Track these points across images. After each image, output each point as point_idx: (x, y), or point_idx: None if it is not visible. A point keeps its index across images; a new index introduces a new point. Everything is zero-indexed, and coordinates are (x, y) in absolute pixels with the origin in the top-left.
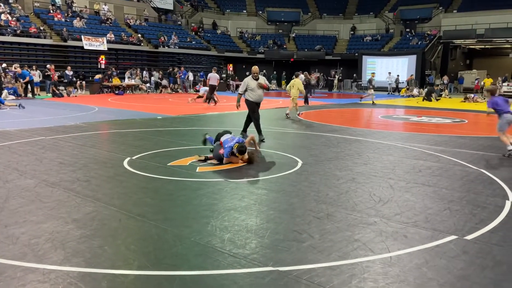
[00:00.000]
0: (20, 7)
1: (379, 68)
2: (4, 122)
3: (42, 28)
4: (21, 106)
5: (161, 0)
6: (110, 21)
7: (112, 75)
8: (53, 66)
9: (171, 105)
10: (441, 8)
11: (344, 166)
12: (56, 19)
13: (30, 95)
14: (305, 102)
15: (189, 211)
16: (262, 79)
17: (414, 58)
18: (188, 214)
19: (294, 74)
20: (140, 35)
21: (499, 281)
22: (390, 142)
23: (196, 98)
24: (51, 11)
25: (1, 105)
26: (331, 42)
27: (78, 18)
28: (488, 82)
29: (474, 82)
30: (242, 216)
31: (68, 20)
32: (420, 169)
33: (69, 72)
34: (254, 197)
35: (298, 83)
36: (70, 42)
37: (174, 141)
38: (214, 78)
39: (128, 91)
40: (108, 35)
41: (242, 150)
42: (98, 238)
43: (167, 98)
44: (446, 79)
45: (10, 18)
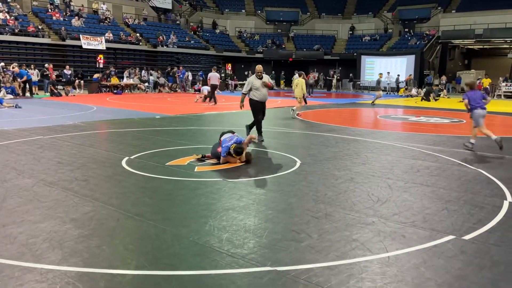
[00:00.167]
0: (18, 6)
1: (378, 68)
2: (2, 122)
3: (40, 27)
4: (17, 106)
5: None
6: (108, 20)
7: (110, 75)
8: (51, 65)
9: (170, 104)
10: (439, 8)
11: (342, 166)
12: (54, 18)
13: (28, 94)
14: (306, 102)
15: (187, 211)
16: (266, 78)
17: (412, 58)
18: (186, 213)
19: (298, 73)
20: (138, 35)
21: (497, 281)
22: (388, 142)
23: (201, 98)
24: (50, 10)
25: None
26: (330, 42)
27: (76, 17)
28: (486, 82)
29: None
30: (240, 216)
31: (66, 19)
32: (418, 169)
33: (67, 71)
34: (252, 196)
35: (302, 83)
36: (69, 41)
37: (173, 140)
38: (215, 77)
39: (126, 91)
40: (106, 35)
41: (239, 151)
42: (96, 237)
43: (166, 98)
44: (444, 79)
45: (8, 17)
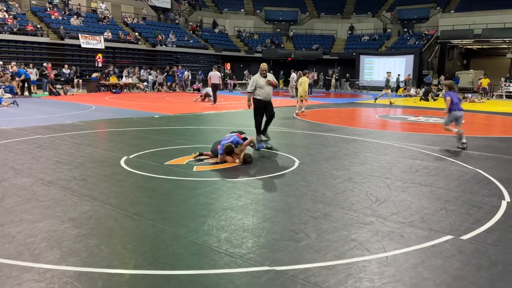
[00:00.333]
0: (17, 5)
1: (377, 67)
2: (0, 121)
3: (39, 26)
4: (15, 103)
5: None
6: (107, 19)
7: (109, 74)
8: (50, 65)
9: (169, 104)
10: (438, 8)
11: (341, 166)
12: (53, 17)
13: (26, 93)
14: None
15: (186, 210)
16: (271, 76)
17: (411, 58)
18: (185, 213)
19: (303, 72)
20: (137, 34)
21: (495, 281)
22: (387, 141)
23: (200, 98)
24: (48, 9)
25: None
26: (329, 41)
27: (75, 16)
28: (485, 82)
29: (471, 82)
30: (238, 215)
31: (65, 18)
32: (416, 169)
33: (66, 70)
34: (251, 196)
35: (304, 82)
36: (67, 41)
37: (171, 140)
38: (216, 76)
39: (125, 90)
40: (105, 34)
41: (228, 151)
42: (94, 237)
43: (165, 97)
44: (442, 79)
45: (7, 16)
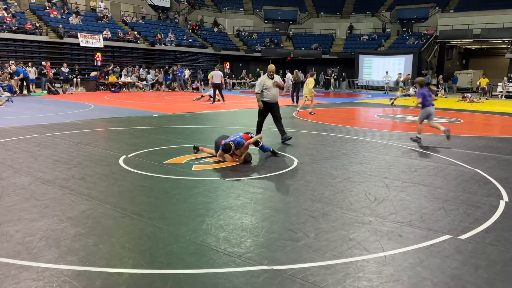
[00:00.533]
0: (16, 4)
1: (376, 67)
2: None
3: (38, 24)
4: (10, 100)
5: None
6: (106, 18)
7: (108, 73)
8: (48, 63)
9: (168, 103)
10: (438, 8)
11: (339, 165)
12: (52, 16)
13: (25, 92)
14: (295, 101)
15: (184, 210)
16: (278, 78)
17: (410, 57)
18: (183, 212)
19: (310, 73)
20: (136, 33)
21: (493, 280)
22: (386, 141)
23: (200, 98)
24: (47, 8)
25: None
26: (328, 41)
27: (74, 15)
28: (484, 82)
29: (469, 82)
30: (237, 215)
31: (64, 17)
32: (415, 168)
33: (65, 69)
34: (249, 195)
35: (310, 82)
36: (66, 39)
37: (170, 139)
38: (218, 76)
39: (124, 89)
40: (104, 32)
41: (225, 149)
42: (93, 236)
43: (164, 96)
44: (441, 79)
45: (5, 15)
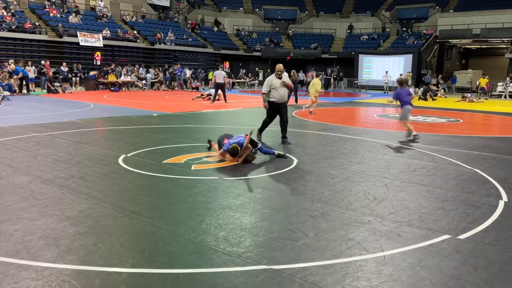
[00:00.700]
0: (15, 2)
1: (375, 67)
2: None
3: (37, 23)
4: (6, 98)
5: None
6: (106, 17)
7: (108, 72)
8: (48, 62)
9: (167, 102)
10: (437, 7)
11: (339, 165)
12: (51, 15)
13: (25, 91)
14: (295, 101)
15: (183, 209)
16: (286, 78)
17: (410, 57)
18: (182, 212)
19: (316, 73)
20: (136, 32)
21: (492, 280)
22: (385, 141)
23: (201, 97)
24: (47, 7)
25: None
26: (328, 40)
27: (73, 14)
28: (483, 81)
29: (469, 81)
30: (236, 214)
31: (63, 16)
32: (414, 168)
33: (64, 68)
34: (249, 195)
35: (316, 83)
36: (66, 38)
37: (170, 138)
38: (221, 75)
39: (123, 88)
40: (104, 32)
41: (233, 153)
42: (92, 235)
43: (163, 95)
44: (440, 78)
45: (5, 13)
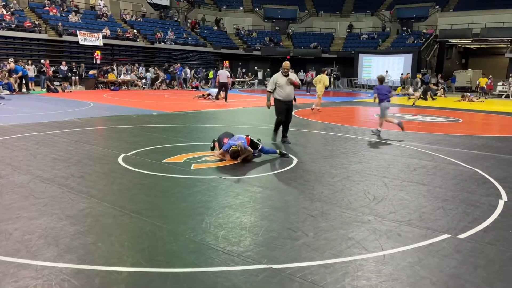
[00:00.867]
0: (15, 1)
1: (375, 66)
2: None
3: (37, 22)
4: (0, 97)
5: None
6: (106, 16)
7: (108, 71)
8: (47, 61)
9: (167, 101)
10: (437, 7)
11: (339, 164)
12: (51, 14)
13: (24, 90)
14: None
15: (183, 208)
16: (293, 76)
17: (410, 56)
18: (182, 211)
19: (322, 70)
20: (136, 31)
21: (492, 280)
22: (385, 140)
23: (202, 97)
24: (46, 6)
25: None
26: (328, 40)
27: (73, 13)
28: (483, 81)
29: (469, 81)
30: (236, 213)
31: (63, 15)
32: (414, 167)
33: (64, 67)
34: (248, 194)
35: (325, 79)
36: (65, 37)
37: (169, 137)
38: (224, 75)
39: (123, 87)
40: (103, 31)
41: (234, 156)
42: (92, 234)
43: (163, 95)
44: (440, 78)
45: (5, 12)
